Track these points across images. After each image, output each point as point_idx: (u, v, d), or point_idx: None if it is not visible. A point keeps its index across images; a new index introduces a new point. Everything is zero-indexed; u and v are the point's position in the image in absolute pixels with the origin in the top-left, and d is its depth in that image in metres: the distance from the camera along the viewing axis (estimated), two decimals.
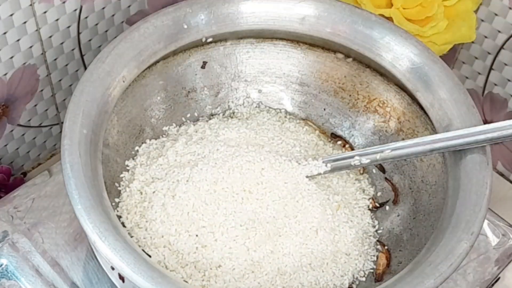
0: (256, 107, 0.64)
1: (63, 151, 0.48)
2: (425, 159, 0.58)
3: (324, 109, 0.64)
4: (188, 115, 0.63)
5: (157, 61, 0.58)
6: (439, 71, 0.57)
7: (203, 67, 0.62)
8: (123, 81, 0.54)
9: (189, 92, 0.63)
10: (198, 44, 0.61)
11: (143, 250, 0.50)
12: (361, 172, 0.62)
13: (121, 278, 0.50)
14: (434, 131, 0.57)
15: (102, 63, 0.53)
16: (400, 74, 0.58)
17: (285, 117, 0.64)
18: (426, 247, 0.50)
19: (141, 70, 0.56)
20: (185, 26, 0.58)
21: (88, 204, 0.46)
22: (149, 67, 0.58)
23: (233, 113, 0.64)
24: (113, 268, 0.51)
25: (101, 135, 0.52)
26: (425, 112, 0.58)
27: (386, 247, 0.57)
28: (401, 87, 0.60)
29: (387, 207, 0.60)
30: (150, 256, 0.51)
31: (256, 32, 0.62)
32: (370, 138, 0.62)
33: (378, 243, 0.58)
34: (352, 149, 0.63)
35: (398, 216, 0.59)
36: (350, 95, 0.63)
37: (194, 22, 0.58)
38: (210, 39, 0.60)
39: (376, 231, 0.58)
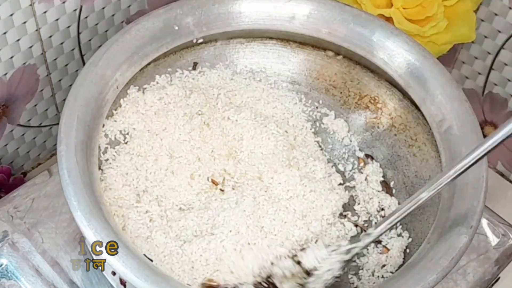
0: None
1: (60, 157, 0.48)
2: (417, 154, 0.59)
3: (316, 107, 0.64)
4: None
5: (148, 64, 0.58)
6: (431, 66, 0.57)
7: (194, 68, 0.62)
8: (117, 87, 0.54)
9: None
10: (189, 45, 0.61)
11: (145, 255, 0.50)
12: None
13: (123, 283, 0.50)
14: (426, 125, 0.57)
15: (95, 66, 0.53)
16: (391, 70, 0.59)
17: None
18: (426, 242, 0.50)
19: (134, 73, 0.56)
20: (176, 28, 0.58)
21: (87, 210, 0.46)
22: (140, 69, 0.58)
23: None
24: (114, 273, 0.51)
25: (96, 140, 0.52)
26: (416, 107, 0.58)
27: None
28: (392, 83, 0.61)
29: None
30: (152, 261, 0.51)
31: (246, 32, 0.62)
32: (362, 134, 0.63)
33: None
34: None
35: None
36: (341, 92, 0.63)
37: (185, 23, 0.58)
38: (200, 40, 0.60)
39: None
